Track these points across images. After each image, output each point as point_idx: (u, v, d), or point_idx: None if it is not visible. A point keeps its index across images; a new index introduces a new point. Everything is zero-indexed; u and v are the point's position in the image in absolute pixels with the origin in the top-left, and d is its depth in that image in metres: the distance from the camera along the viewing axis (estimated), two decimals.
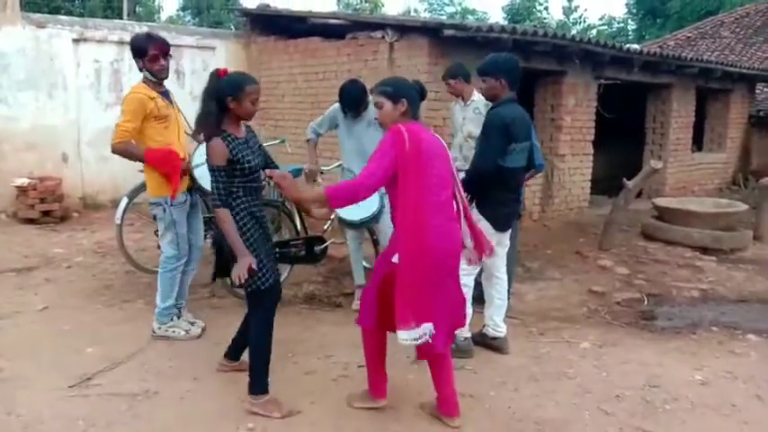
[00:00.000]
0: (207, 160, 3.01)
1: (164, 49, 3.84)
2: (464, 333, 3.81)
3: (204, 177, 3.52)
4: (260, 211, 3.14)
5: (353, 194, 2.81)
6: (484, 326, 4.01)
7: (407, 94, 2.94)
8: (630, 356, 3.99)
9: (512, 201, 3.83)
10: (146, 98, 3.79)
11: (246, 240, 3.00)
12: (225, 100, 2.97)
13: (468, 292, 3.78)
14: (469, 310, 3.92)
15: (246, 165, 3.00)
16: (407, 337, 2.81)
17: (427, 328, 2.83)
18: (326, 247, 4.72)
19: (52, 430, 2.95)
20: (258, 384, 3.11)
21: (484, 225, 3.67)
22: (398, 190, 2.82)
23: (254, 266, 2.95)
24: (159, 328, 4.07)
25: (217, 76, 3.04)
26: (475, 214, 3.72)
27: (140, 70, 3.90)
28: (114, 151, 3.82)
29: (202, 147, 3.31)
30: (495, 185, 3.66)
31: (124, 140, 3.78)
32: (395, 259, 2.87)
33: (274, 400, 3.12)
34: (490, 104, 3.90)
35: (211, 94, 3.00)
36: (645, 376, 3.67)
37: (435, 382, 3.05)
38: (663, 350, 4.13)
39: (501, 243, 3.87)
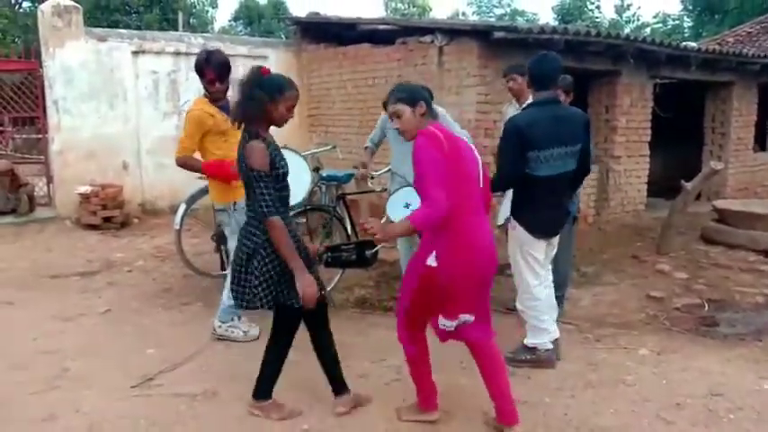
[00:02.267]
0: (244, 164, 2.86)
1: (219, 74, 3.96)
2: (546, 345, 3.75)
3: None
4: (292, 223, 3.08)
5: (434, 218, 2.66)
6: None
7: (422, 96, 2.88)
8: (691, 364, 3.86)
9: (550, 206, 3.59)
10: (205, 115, 3.96)
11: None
12: (262, 99, 2.84)
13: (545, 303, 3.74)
14: (554, 317, 3.88)
15: (282, 170, 2.91)
16: (446, 323, 2.88)
17: (466, 317, 2.87)
18: (377, 251, 4.74)
19: (116, 428, 3.06)
20: (263, 391, 3.17)
21: (520, 231, 3.60)
22: None
23: (314, 285, 2.87)
24: (219, 327, 4.17)
25: (259, 72, 2.92)
26: (511, 221, 3.68)
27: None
28: (177, 164, 4.09)
29: None
30: (528, 194, 3.53)
31: (183, 155, 4.03)
32: (431, 261, 2.78)
33: (275, 404, 3.17)
34: None
35: (250, 86, 2.86)
36: (707, 384, 3.55)
37: (490, 391, 2.96)
38: (726, 357, 3.98)
39: (546, 253, 3.73)
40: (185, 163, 4.07)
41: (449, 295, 2.81)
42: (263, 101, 2.84)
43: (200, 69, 3.99)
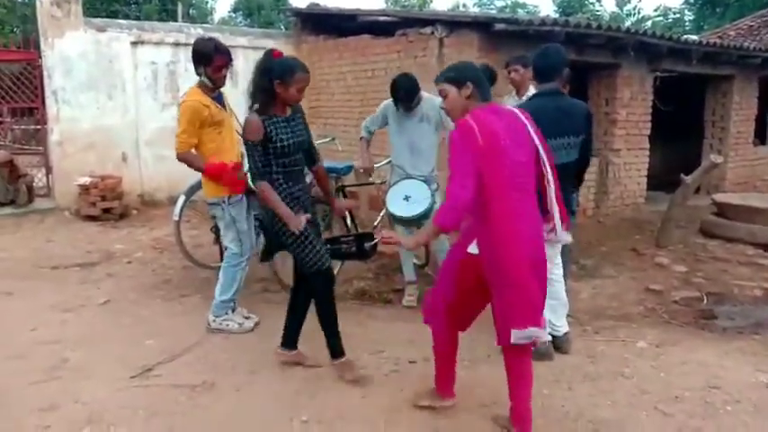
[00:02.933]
0: (242, 136, 3.14)
1: (228, 61, 3.93)
2: (545, 337, 3.75)
3: None
4: (304, 195, 3.25)
5: (457, 214, 2.58)
6: None
7: (472, 76, 2.73)
8: (689, 357, 3.87)
9: None
10: (200, 106, 3.89)
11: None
12: (272, 81, 3.04)
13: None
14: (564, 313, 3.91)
15: (279, 144, 3.09)
16: (520, 336, 2.67)
17: (536, 331, 2.67)
18: (376, 243, 4.73)
19: (115, 418, 3.06)
20: (290, 340, 3.58)
21: None
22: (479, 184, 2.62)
23: (302, 223, 3.09)
24: (214, 321, 4.17)
25: (271, 55, 3.11)
26: None
27: (198, 74, 3.98)
28: (178, 159, 3.99)
29: None
30: None
31: (184, 151, 3.94)
32: (473, 249, 2.70)
33: (300, 354, 3.60)
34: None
35: (262, 71, 3.08)
36: (705, 377, 3.56)
37: (512, 396, 2.87)
38: (724, 351, 3.99)
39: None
40: (187, 160, 3.95)
41: (504, 290, 2.66)
42: (273, 84, 3.07)
43: (206, 57, 3.86)
